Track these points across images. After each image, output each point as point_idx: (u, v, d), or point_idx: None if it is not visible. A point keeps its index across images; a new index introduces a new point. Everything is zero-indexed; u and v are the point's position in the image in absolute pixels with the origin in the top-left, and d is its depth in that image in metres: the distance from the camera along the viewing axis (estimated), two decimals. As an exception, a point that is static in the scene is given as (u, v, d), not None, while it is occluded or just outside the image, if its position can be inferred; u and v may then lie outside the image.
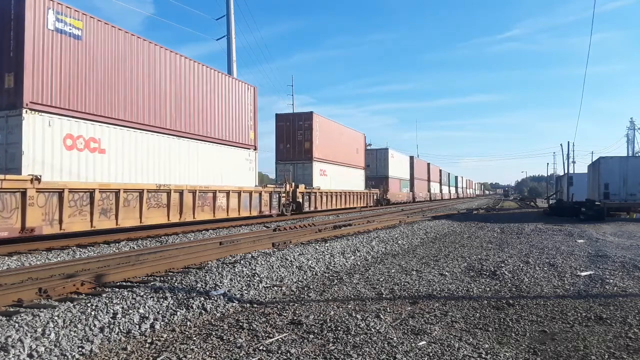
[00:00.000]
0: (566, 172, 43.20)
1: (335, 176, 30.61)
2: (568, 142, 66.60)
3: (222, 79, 18.88)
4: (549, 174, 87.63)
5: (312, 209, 25.89)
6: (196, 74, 17.16)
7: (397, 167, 46.43)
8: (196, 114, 17.04)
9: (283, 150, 28.20)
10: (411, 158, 53.59)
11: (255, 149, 21.02)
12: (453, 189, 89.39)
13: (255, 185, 20.68)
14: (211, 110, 18.01)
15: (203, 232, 15.33)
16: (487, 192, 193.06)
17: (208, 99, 17.86)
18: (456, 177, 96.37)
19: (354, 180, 34.45)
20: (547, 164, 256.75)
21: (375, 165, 43.20)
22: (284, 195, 22.62)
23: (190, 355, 4.11)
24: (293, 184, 24.02)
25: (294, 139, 27.81)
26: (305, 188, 25.16)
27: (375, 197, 38.32)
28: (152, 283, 6.51)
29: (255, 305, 5.89)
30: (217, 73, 18.58)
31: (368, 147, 43.74)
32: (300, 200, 24.37)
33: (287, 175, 24.96)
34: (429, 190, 62.21)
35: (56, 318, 4.64)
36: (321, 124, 28.89)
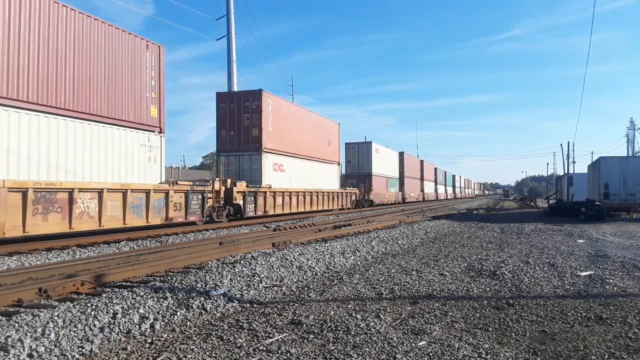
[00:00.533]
0: (566, 172, 43.21)
1: (297, 172, 25.01)
2: (568, 142, 66.59)
3: (90, 25, 12.85)
4: (549, 174, 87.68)
5: (261, 213, 20.49)
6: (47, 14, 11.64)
7: (383, 164, 41.78)
8: (38, 70, 11.35)
9: (225, 139, 22.19)
10: (401, 154, 48.86)
11: (160, 132, 15.36)
12: (450, 189, 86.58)
13: (161, 182, 15.09)
14: (72, 67, 12.28)
15: (203, 232, 15.33)
16: (487, 192, 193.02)
17: (63, 53, 12.04)
18: (454, 176, 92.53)
19: (325, 177, 28.84)
20: (547, 164, 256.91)
21: (357, 161, 38.66)
22: (210, 196, 17.17)
23: (190, 355, 4.11)
24: (229, 181, 18.62)
25: (239, 124, 21.87)
26: (249, 186, 19.71)
27: (353, 197, 33.15)
28: (152, 283, 6.51)
29: (255, 305, 5.89)
30: (80, 15, 12.57)
31: (351, 142, 39.70)
32: (241, 203, 19.05)
33: (225, 170, 20.17)
34: (422, 190, 58.08)
35: (56, 318, 4.64)
36: (276, 106, 22.80)
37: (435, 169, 70.03)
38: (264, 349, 4.26)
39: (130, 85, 14.18)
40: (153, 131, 15.07)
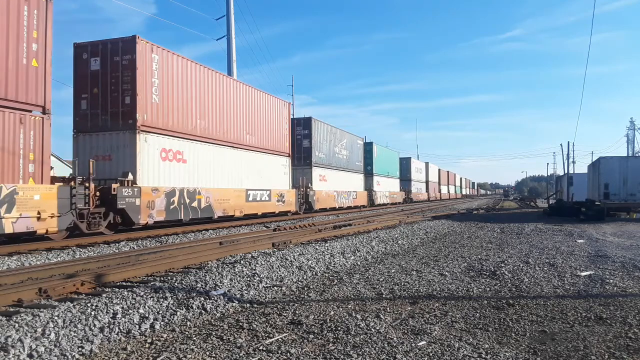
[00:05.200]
0: (566, 172, 43.23)
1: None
2: (568, 142, 66.66)
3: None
4: (549, 174, 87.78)
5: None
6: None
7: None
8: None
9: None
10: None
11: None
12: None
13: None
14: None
15: (203, 232, 15.34)
16: (487, 192, 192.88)
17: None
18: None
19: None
20: (547, 164, 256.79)
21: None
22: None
23: (190, 355, 4.11)
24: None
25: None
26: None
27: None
28: (152, 283, 6.51)
29: (255, 305, 5.89)
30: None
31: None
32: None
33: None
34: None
35: (56, 318, 4.64)
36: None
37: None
38: (264, 349, 4.26)
39: None
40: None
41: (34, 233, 10.87)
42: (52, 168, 11.93)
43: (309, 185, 27.04)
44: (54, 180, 11.95)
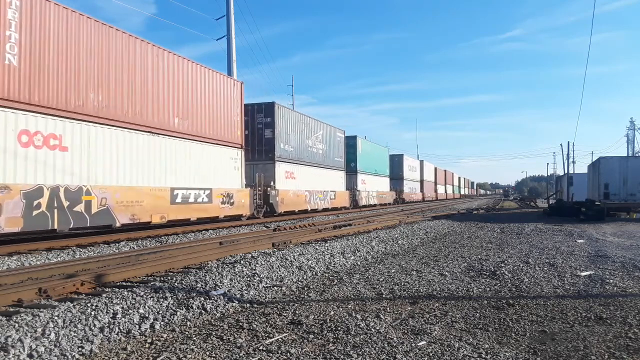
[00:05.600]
0: (566, 172, 43.23)
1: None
2: (568, 142, 66.67)
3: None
4: (549, 174, 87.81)
5: None
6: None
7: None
8: None
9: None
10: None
11: None
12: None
13: None
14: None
15: (203, 232, 15.33)
16: (487, 192, 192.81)
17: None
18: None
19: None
20: (547, 164, 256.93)
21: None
22: None
23: (190, 355, 4.11)
24: None
25: None
26: None
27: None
28: (152, 283, 6.51)
29: (255, 305, 5.89)
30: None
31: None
32: None
33: None
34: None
35: (56, 318, 4.64)
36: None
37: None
38: (264, 349, 4.26)
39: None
40: None
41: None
42: None
43: (271, 183, 22.17)
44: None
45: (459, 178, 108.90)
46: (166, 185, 15.15)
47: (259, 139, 22.76)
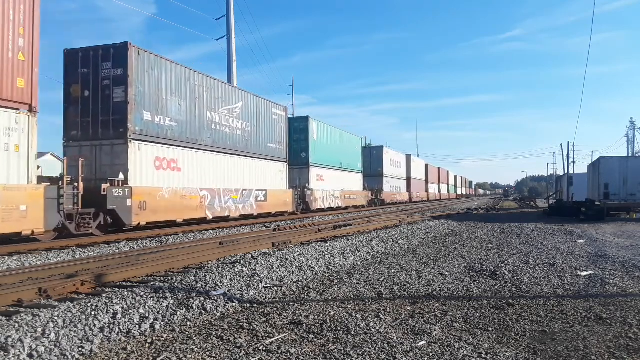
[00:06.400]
0: (566, 172, 43.25)
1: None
2: (568, 142, 66.66)
3: None
4: (549, 174, 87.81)
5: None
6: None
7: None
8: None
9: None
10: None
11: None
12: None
13: None
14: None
15: (203, 232, 15.33)
16: (487, 192, 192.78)
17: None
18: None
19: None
20: (547, 164, 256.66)
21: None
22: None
23: (190, 355, 4.11)
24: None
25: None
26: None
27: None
28: (152, 283, 6.51)
29: (255, 305, 5.89)
30: None
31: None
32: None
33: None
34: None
35: (56, 318, 4.64)
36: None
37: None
38: (264, 349, 4.26)
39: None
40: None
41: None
42: None
43: (123, 179, 13.74)
44: None
45: (455, 177, 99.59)
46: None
47: (103, 104, 14.26)
